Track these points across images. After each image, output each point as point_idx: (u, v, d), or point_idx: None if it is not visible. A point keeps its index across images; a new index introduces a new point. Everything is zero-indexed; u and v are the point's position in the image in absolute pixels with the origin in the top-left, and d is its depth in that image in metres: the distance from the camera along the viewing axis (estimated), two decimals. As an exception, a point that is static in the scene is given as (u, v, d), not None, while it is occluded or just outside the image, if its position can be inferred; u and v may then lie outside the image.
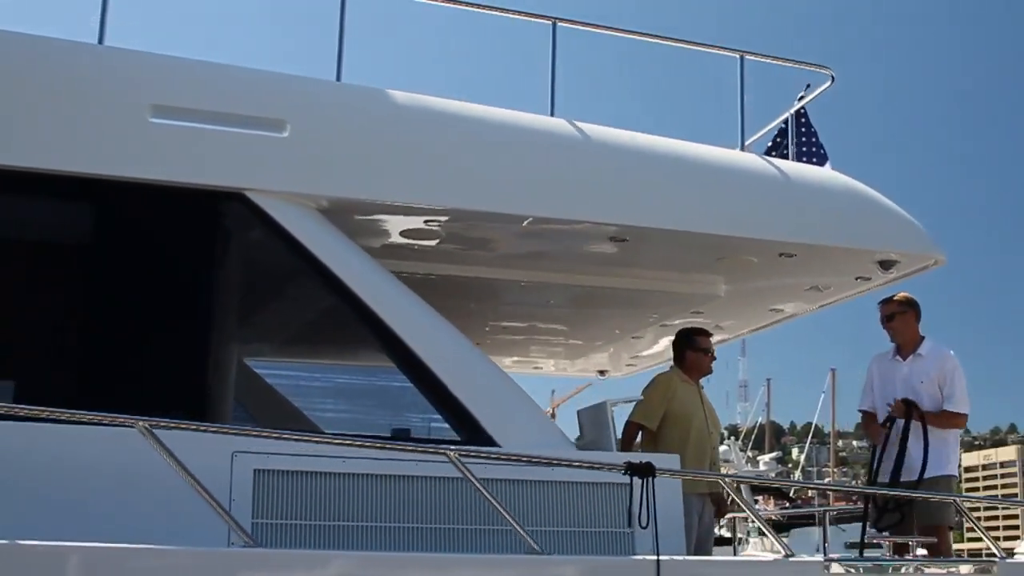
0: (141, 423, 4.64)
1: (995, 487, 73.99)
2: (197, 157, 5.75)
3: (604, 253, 7.08)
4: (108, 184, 5.59)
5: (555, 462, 5.67)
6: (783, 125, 8.46)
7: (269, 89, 6.08)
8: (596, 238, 6.77)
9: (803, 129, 8.54)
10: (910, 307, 7.35)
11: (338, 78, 6.31)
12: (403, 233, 6.52)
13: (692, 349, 7.68)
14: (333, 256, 5.87)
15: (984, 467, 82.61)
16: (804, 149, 8.23)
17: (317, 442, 5.32)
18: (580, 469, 5.82)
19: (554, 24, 6.77)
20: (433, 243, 6.71)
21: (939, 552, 6.38)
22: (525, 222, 6.38)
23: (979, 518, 8.42)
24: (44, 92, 5.66)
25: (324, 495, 5.41)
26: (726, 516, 8.35)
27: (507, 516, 5.06)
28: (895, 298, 7.39)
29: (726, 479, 5.96)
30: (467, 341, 6.19)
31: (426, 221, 6.37)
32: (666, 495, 5.93)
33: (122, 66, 5.88)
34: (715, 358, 7.80)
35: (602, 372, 11.25)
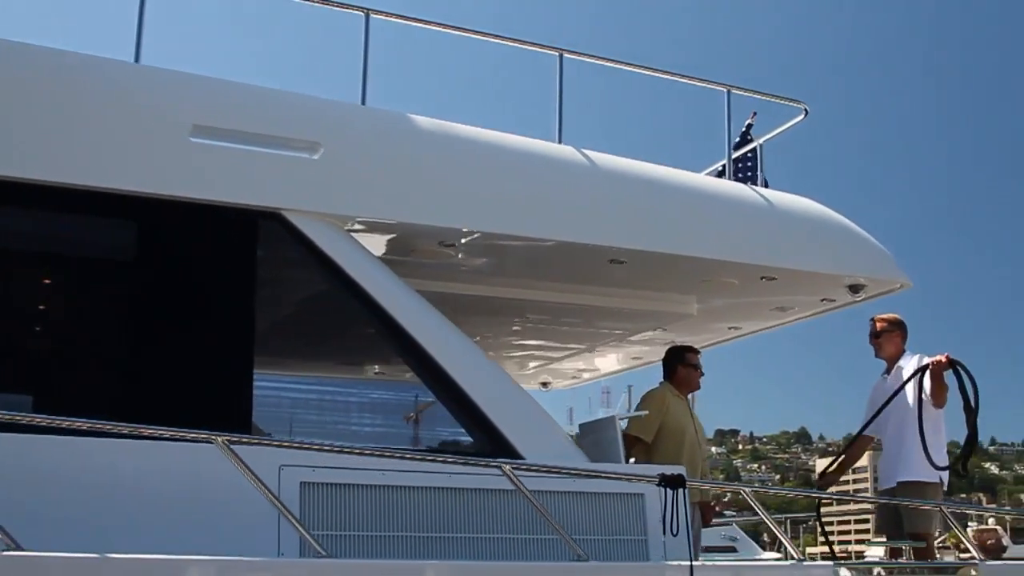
0: (220, 439, 4.78)
1: (847, 491, 76.92)
2: (236, 177, 5.88)
3: (598, 273, 7.41)
4: (149, 202, 5.67)
5: (601, 474, 6.01)
6: (744, 151, 9.05)
7: (303, 112, 6.24)
8: (597, 259, 7.08)
9: (749, 154, 9.10)
10: (897, 327, 7.81)
11: (363, 101, 6.51)
12: (417, 252, 6.72)
13: (684, 365, 8.07)
14: (364, 274, 6.05)
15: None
16: (750, 174, 8.79)
17: (371, 455, 5.48)
18: (597, 480, 6.14)
19: (561, 56, 7.10)
20: (442, 261, 6.93)
21: (924, 558, 6.85)
22: (548, 243, 6.69)
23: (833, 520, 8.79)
24: (87, 110, 5.72)
25: (366, 506, 5.59)
26: (711, 523, 8.77)
27: (556, 526, 5.36)
28: (885, 317, 7.85)
29: (746, 489, 6.32)
30: (487, 358, 6.44)
31: (441, 242, 6.61)
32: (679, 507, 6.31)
33: (163, 86, 5.97)
34: (703, 374, 8.21)
35: (544, 384, 11.55)
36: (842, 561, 6.19)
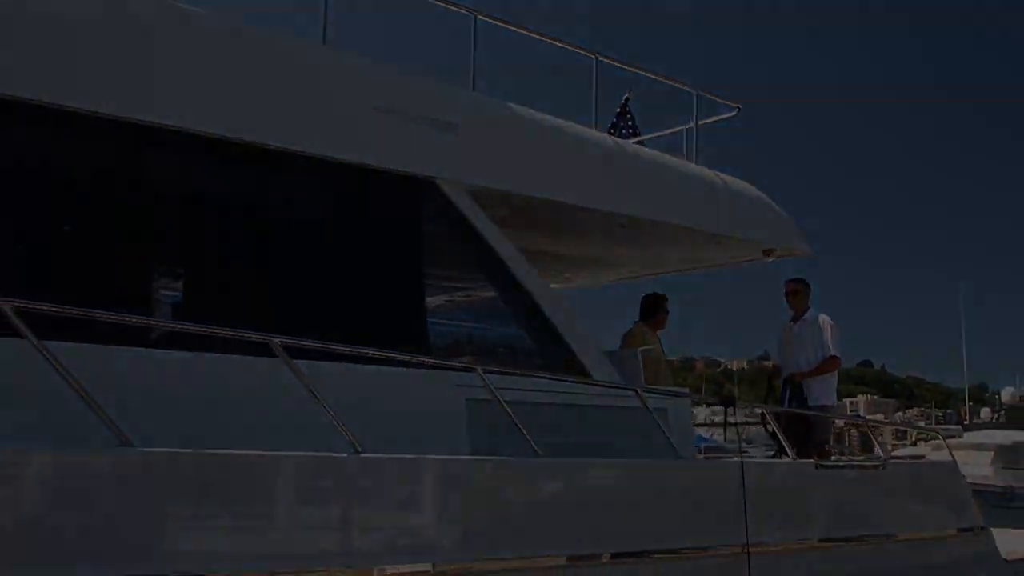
0: (479, 368, 6.24)
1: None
2: (406, 150, 7.15)
3: (594, 228, 9.14)
4: (340, 165, 6.82)
5: (685, 395, 7.88)
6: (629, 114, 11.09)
7: (449, 98, 7.57)
8: (608, 223, 8.85)
9: (628, 118, 11.18)
10: (808, 287, 10.15)
11: (473, 88, 7.90)
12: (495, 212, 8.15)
13: (663, 311, 10.00)
14: (487, 231, 7.52)
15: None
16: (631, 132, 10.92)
17: (550, 379, 7.07)
18: (633, 397, 7.97)
19: (596, 59, 8.76)
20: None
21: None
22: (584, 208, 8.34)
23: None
24: (304, 84, 6.79)
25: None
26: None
27: (666, 433, 7.20)
28: (799, 279, 10.15)
29: (768, 410, 8.35)
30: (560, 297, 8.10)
31: (511, 204, 8.12)
32: (685, 419, 8.32)
33: (353, 69, 7.12)
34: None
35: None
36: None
